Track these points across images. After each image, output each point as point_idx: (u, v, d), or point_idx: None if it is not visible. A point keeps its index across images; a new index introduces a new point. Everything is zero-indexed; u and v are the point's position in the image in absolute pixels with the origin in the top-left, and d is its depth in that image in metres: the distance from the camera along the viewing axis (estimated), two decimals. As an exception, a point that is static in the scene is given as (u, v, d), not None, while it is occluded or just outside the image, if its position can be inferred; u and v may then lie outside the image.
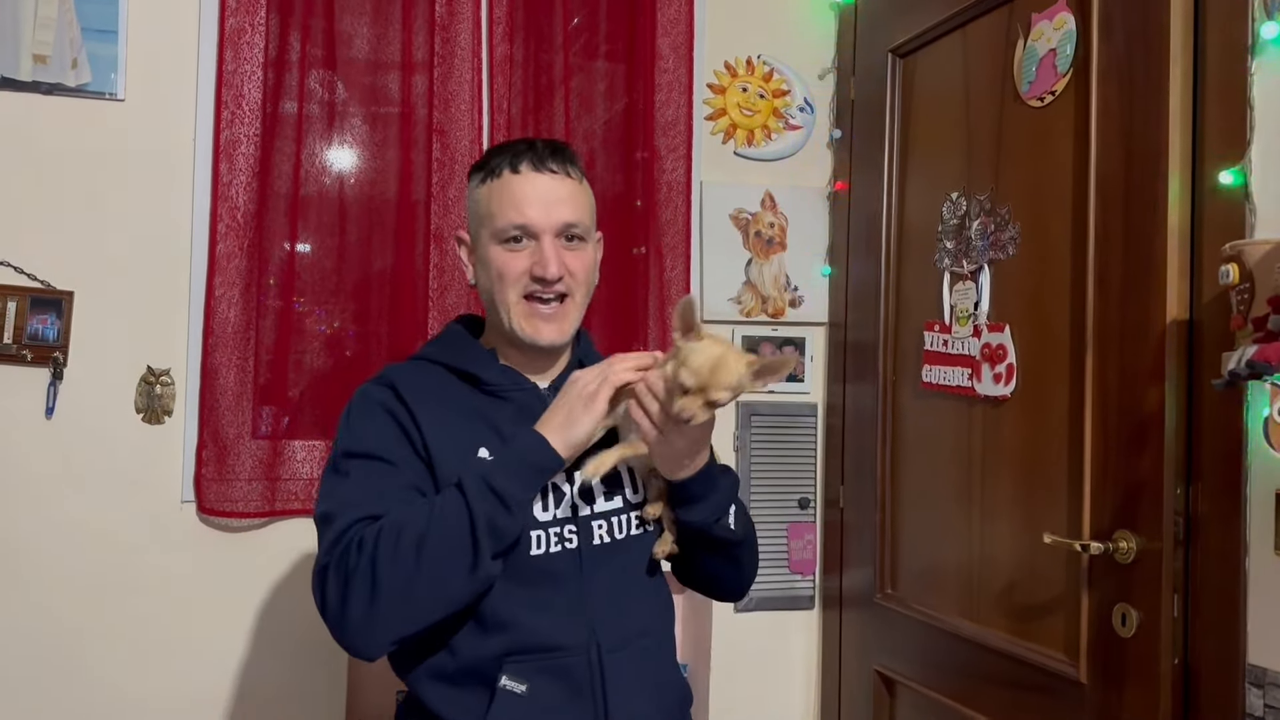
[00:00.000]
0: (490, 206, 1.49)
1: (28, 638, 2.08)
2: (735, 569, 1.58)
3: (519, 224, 1.47)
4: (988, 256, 1.99)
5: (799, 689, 2.55)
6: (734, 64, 2.53)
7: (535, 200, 1.47)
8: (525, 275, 1.47)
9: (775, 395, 2.53)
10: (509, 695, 1.38)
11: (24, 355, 2.06)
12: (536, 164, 1.49)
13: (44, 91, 2.09)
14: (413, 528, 1.32)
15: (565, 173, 1.50)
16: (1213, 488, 1.56)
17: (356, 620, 1.31)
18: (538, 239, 1.47)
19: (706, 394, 1.34)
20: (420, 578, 1.31)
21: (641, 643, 1.47)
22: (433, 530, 1.32)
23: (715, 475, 1.47)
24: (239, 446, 2.16)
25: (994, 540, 1.97)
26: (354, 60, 2.29)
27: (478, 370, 1.50)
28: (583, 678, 1.41)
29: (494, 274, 1.48)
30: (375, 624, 1.32)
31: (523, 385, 1.51)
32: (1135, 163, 1.67)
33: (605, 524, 1.48)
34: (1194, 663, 1.57)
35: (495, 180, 1.49)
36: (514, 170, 1.48)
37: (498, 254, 1.48)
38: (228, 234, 2.15)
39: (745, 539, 1.55)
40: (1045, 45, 1.87)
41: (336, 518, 1.38)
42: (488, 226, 1.49)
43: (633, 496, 1.52)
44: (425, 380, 1.50)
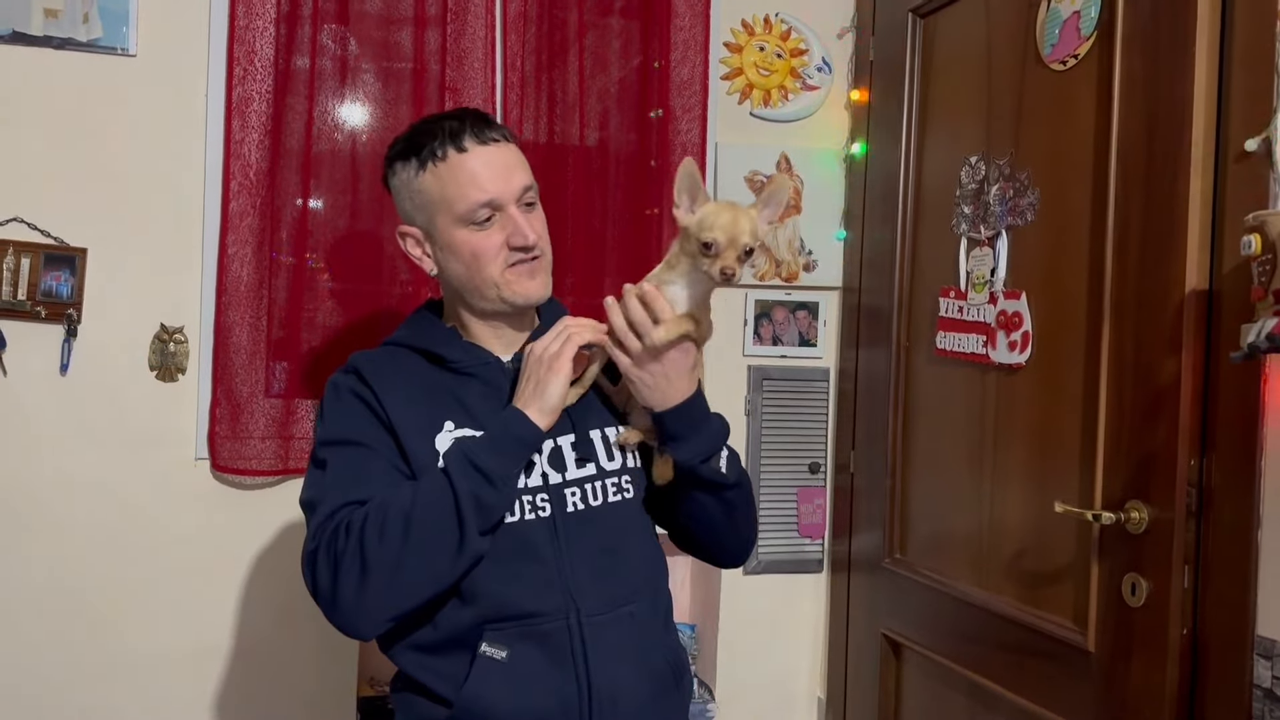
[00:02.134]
0: (444, 191, 1.46)
1: (42, 593, 2.10)
2: (728, 517, 1.55)
3: (484, 201, 1.45)
4: (1006, 222, 1.97)
5: (806, 652, 2.57)
6: (751, 22, 2.50)
7: (492, 174, 1.46)
8: (502, 249, 1.47)
9: (787, 360, 2.52)
10: (489, 661, 1.40)
11: (38, 312, 2.06)
12: (479, 137, 1.46)
13: (55, 46, 2.08)
14: (398, 508, 1.34)
15: (504, 137, 1.50)
16: (1227, 460, 1.55)
17: (348, 601, 1.34)
18: (503, 210, 1.47)
19: (736, 245, 1.39)
20: (408, 557, 1.33)
21: (626, 609, 1.47)
22: (418, 510, 1.34)
23: (701, 415, 1.48)
24: (252, 404, 2.17)
25: (1005, 507, 1.97)
26: (366, 15, 2.27)
27: (440, 349, 1.52)
28: (563, 644, 1.41)
29: (467, 257, 1.47)
30: (366, 604, 1.34)
31: (485, 359, 1.52)
32: (1158, 129, 1.64)
33: (579, 490, 1.48)
34: (1203, 634, 1.57)
35: (441, 163, 1.46)
36: (459, 148, 1.45)
37: (468, 237, 1.47)
38: (240, 192, 2.14)
39: (739, 484, 1.53)
40: (1069, 7, 1.83)
41: (320, 503, 1.40)
42: (447, 212, 1.47)
43: (608, 464, 1.52)
44: (391, 364, 1.52)
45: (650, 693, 1.47)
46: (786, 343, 2.52)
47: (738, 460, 1.56)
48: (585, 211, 2.38)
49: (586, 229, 2.38)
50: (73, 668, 2.12)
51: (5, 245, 2.04)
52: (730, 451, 1.53)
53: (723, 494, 1.51)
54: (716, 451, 1.49)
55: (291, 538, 2.22)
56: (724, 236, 1.39)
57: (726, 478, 1.50)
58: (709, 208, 1.43)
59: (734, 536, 1.60)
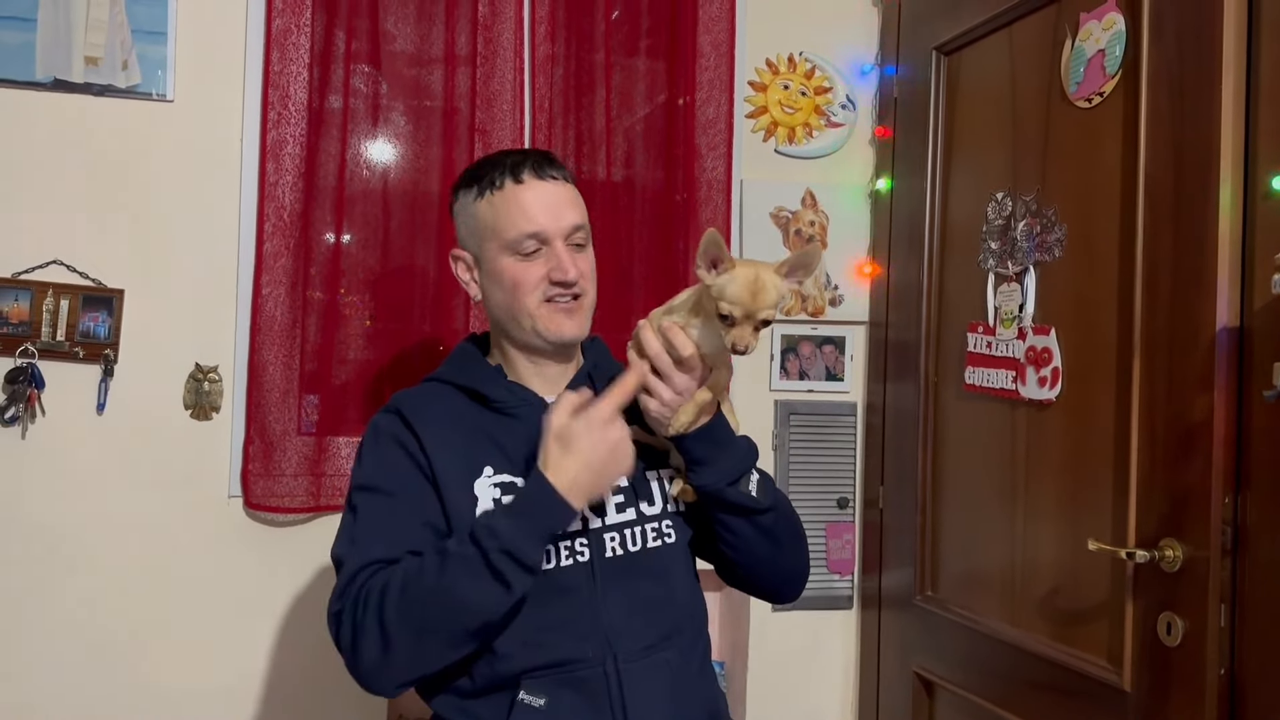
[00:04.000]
0: (497, 220, 1.49)
1: (78, 628, 2.12)
2: (769, 544, 1.52)
3: (531, 232, 1.48)
4: (1033, 258, 1.98)
5: (837, 689, 2.55)
6: (775, 61, 2.52)
7: (543, 207, 1.49)
8: (543, 281, 1.49)
9: (814, 395, 2.52)
10: (527, 709, 1.39)
11: (76, 352, 2.10)
12: (538, 172, 1.50)
13: (95, 93, 2.13)
14: (422, 587, 1.33)
15: (564, 178, 1.53)
16: (1262, 497, 1.54)
17: (369, 667, 1.36)
18: (549, 244, 1.49)
19: (754, 318, 1.37)
20: (430, 635, 1.34)
21: (663, 654, 1.46)
22: (444, 587, 1.32)
23: (725, 438, 1.46)
24: (285, 442, 2.19)
25: (1037, 545, 1.96)
26: (396, 56, 2.31)
27: (484, 389, 1.52)
28: (600, 690, 1.41)
29: (509, 285, 1.50)
30: (388, 671, 1.37)
31: (529, 400, 1.52)
32: (1185, 166, 1.65)
33: (618, 536, 1.48)
34: (1241, 673, 1.55)
35: (497, 192, 1.50)
36: (516, 180, 1.49)
37: (511, 265, 1.49)
38: (274, 233, 2.18)
39: (774, 508, 1.50)
40: (1094, 45, 1.85)
41: (346, 561, 1.41)
42: (496, 239, 1.50)
43: (648, 509, 1.51)
44: (433, 403, 1.52)
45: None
46: (813, 377, 2.53)
47: (771, 484, 1.54)
48: (612, 247, 2.40)
49: (614, 264, 2.40)
50: (106, 704, 2.14)
51: (45, 287, 2.08)
52: (763, 476, 1.51)
53: (756, 519, 1.49)
54: (744, 474, 1.47)
55: (324, 576, 2.24)
56: (740, 311, 1.36)
57: (758, 502, 1.48)
58: (731, 275, 1.38)
59: (778, 566, 1.57)
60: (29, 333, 2.07)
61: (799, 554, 1.60)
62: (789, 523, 1.56)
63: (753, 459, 1.50)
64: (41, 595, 2.11)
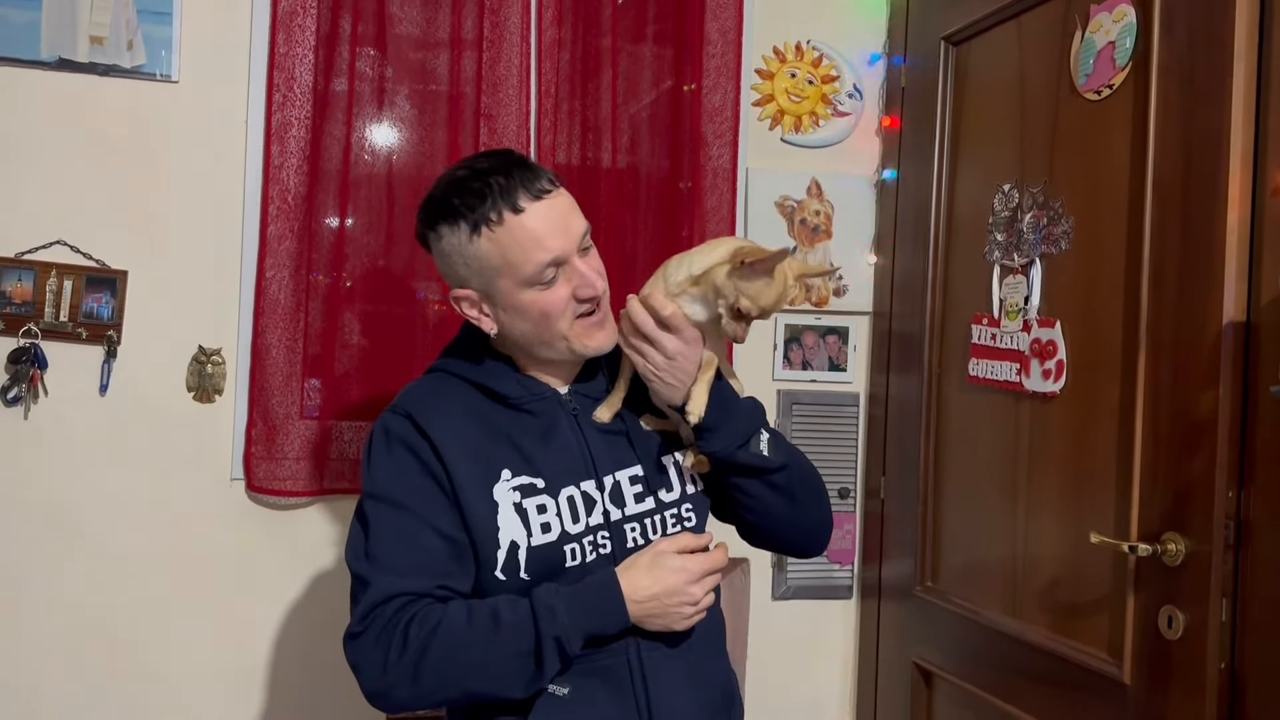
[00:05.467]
0: (506, 255, 1.38)
1: (79, 610, 2.13)
2: (786, 501, 1.51)
3: (550, 261, 1.39)
4: (1039, 250, 1.97)
5: (835, 678, 2.56)
6: (783, 49, 2.51)
7: (553, 230, 1.40)
8: (569, 302, 1.42)
9: (817, 385, 2.52)
10: (551, 698, 1.40)
11: (79, 333, 2.09)
12: (533, 192, 1.39)
13: (100, 73, 2.12)
14: (469, 650, 1.35)
15: (553, 184, 1.43)
16: (1266, 492, 1.54)
17: (389, 702, 1.40)
18: (566, 263, 1.42)
19: (764, 316, 1.41)
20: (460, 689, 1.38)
21: (686, 639, 1.47)
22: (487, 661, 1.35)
23: (728, 400, 1.46)
24: (288, 426, 2.19)
25: (1039, 537, 1.96)
26: (402, 39, 2.29)
27: (496, 385, 1.48)
28: (623, 677, 1.42)
29: (537, 316, 1.42)
30: (405, 708, 1.41)
31: (542, 394, 1.49)
32: (1194, 160, 1.64)
33: (639, 526, 1.48)
34: (1241, 668, 1.56)
35: (498, 227, 1.38)
36: (514, 210, 1.37)
37: (535, 297, 1.41)
38: (279, 216, 2.17)
39: (787, 465, 1.49)
40: (1104, 38, 1.84)
41: (369, 583, 1.39)
42: (509, 276, 1.40)
43: (666, 496, 1.51)
44: (444, 401, 1.48)
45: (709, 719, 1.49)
46: (816, 367, 2.52)
47: (783, 441, 1.52)
48: (617, 233, 2.39)
49: (619, 250, 2.39)
50: (107, 686, 2.14)
51: (48, 268, 2.08)
52: (774, 434, 1.50)
53: (770, 478, 1.48)
54: (752, 435, 1.46)
55: (326, 558, 2.24)
56: (757, 312, 1.39)
57: (770, 461, 1.46)
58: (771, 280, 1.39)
59: (799, 522, 1.56)
60: (32, 313, 2.07)
61: (819, 508, 1.58)
62: (805, 477, 1.54)
63: (760, 419, 1.49)
64: (42, 576, 2.11)
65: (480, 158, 1.48)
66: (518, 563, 1.42)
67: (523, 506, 1.42)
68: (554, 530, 1.43)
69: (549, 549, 1.42)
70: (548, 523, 1.43)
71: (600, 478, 1.47)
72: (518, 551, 1.42)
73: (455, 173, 1.45)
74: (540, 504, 1.43)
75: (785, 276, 1.41)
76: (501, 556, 1.41)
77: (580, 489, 1.45)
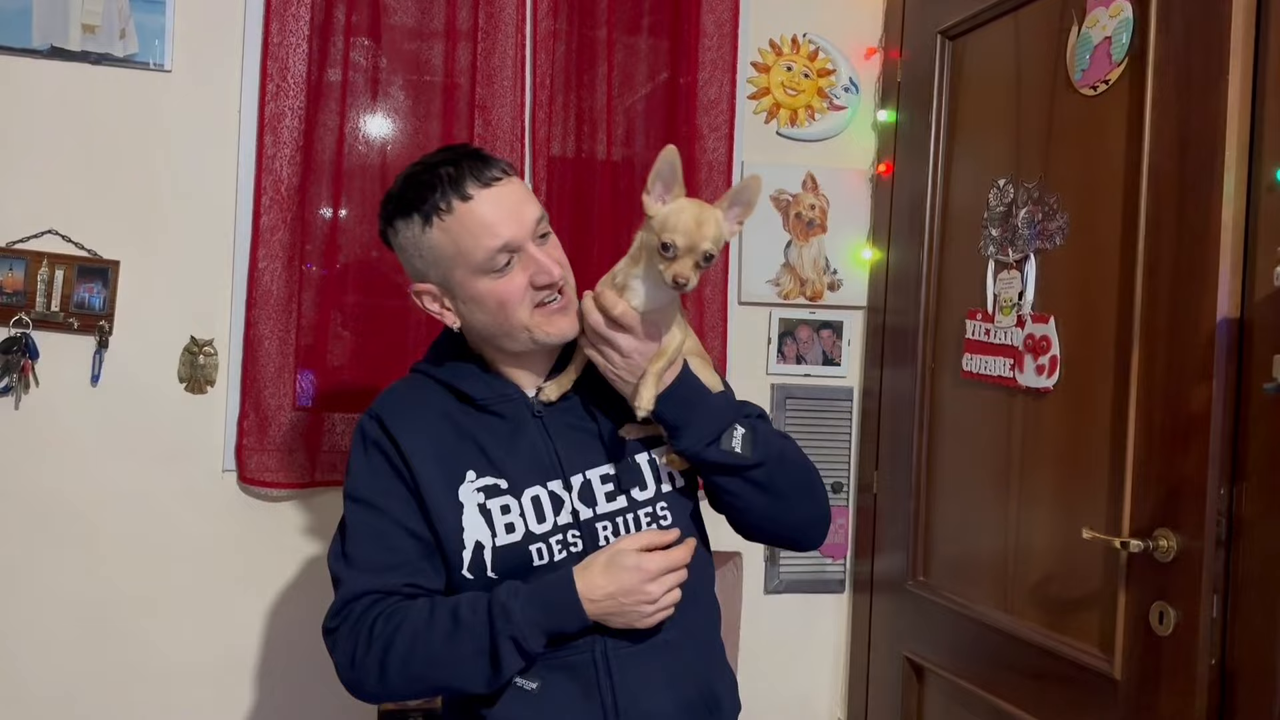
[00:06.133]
0: (459, 244, 1.39)
1: (69, 601, 2.12)
2: (772, 497, 1.48)
3: (500, 246, 1.39)
4: (1034, 246, 1.97)
5: (827, 672, 2.56)
6: (779, 42, 2.51)
7: (503, 216, 1.39)
8: (527, 289, 1.42)
9: (811, 379, 2.52)
10: (520, 691, 1.42)
11: (70, 323, 2.08)
12: (481, 180, 1.39)
13: (92, 61, 2.10)
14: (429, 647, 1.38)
15: (504, 173, 1.43)
16: (1258, 489, 1.54)
17: (362, 693, 1.46)
18: (521, 250, 1.41)
19: (695, 250, 1.35)
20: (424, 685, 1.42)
21: (662, 636, 1.45)
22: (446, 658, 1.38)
23: (694, 397, 1.43)
24: (280, 417, 2.19)
25: (1031, 533, 1.96)
26: (397, 29, 2.28)
27: (465, 386, 1.49)
28: (589, 675, 1.42)
29: (494, 306, 1.42)
30: (376, 699, 1.49)
31: (510, 396, 1.49)
32: (1189, 156, 1.64)
33: (610, 525, 1.47)
34: (1231, 664, 1.56)
35: (448, 216, 1.39)
36: (463, 197, 1.38)
37: (491, 286, 1.41)
38: (271, 207, 2.16)
39: (764, 462, 1.45)
40: (1100, 33, 1.83)
41: (342, 581, 1.45)
42: (463, 265, 1.40)
43: (639, 494, 1.49)
44: (415, 406, 1.49)
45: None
46: (810, 362, 2.52)
47: (768, 435, 1.49)
48: (611, 225, 2.39)
49: (613, 243, 2.38)
50: (99, 676, 2.14)
51: (40, 257, 2.07)
52: (755, 427, 1.47)
53: (747, 475, 1.45)
54: (723, 431, 1.43)
55: (317, 550, 2.23)
56: (684, 241, 1.34)
57: (743, 458, 1.43)
58: (676, 205, 1.37)
59: (784, 517, 1.52)
60: (23, 302, 2.06)
61: (807, 502, 1.54)
62: (789, 472, 1.50)
63: (730, 414, 1.46)
64: (33, 567, 2.11)
65: (436, 152, 1.48)
66: (484, 562, 1.43)
67: (487, 507, 1.43)
68: (518, 531, 1.44)
69: (514, 549, 1.43)
70: (511, 523, 1.44)
71: (568, 477, 1.46)
72: (483, 552, 1.43)
73: (410, 169, 1.46)
74: (504, 504, 1.44)
75: (697, 206, 1.38)
76: (467, 556, 1.43)
77: (547, 489, 1.45)
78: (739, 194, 1.42)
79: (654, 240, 1.36)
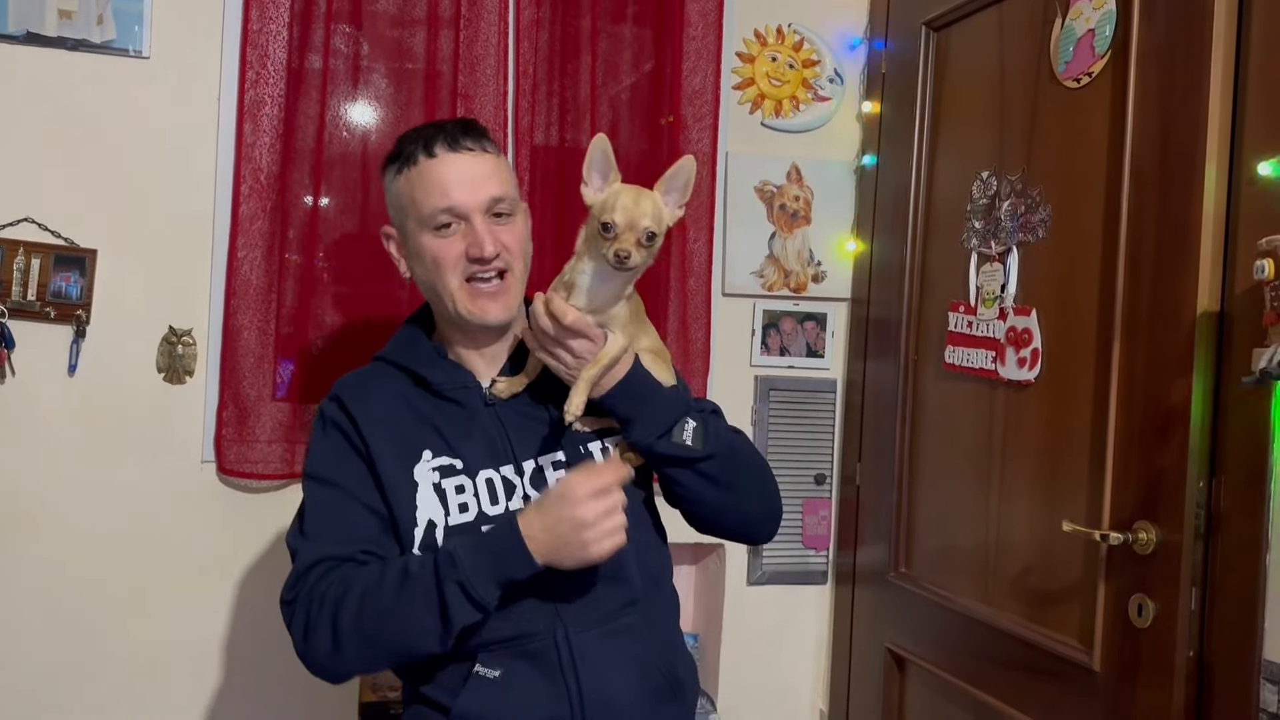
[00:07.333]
0: (413, 195, 1.47)
1: (47, 592, 2.10)
2: (722, 490, 1.49)
3: (446, 207, 1.45)
4: (1017, 238, 1.97)
5: (810, 663, 2.57)
6: (764, 32, 2.50)
7: (458, 181, 1.45)
8: (461, 258, 1.46)
9: (794, 371, 2.52)
10: (482, 680, 1.42)
11: (47, 312, 2.06)
12: (451, 144, 1.47)
13: (69, 47, 2.08)
14: (379, 602, 1.36)
15: (481, 148, 1.49)
16: (1236, 482, 1.54)
17: (316, 662, 1.42)
18: (468, 220, 1.46)
19: (635, 227, 1.38)
20: (378, 647, 1.39)
21: (622, 620, 1.46)
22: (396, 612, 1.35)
23: (645, 390, 1.44)
24: (259, 408, 2.17)
25: (1011, 525, 1.96)
26: (379, 16, 2.26)
27: (422, 370, 1.52)
28: (552, 661, 1.42)
29: (429, 263, 1.48)
30: (333, 668, 1.43)
31: (465, 383, 1.51)
32: (1171, 149, 1.64)
33: None
34: (1209, 656, 1.57)
35: (413, 168, 1.47)
36: (429, 154, 1.47)
37: (430, 242, 1.47)
38: (251, 195, 2.14)
39: (714, 455, 1.46)
40: (1084, 25, 1.83)
41: (298, 553, 1.45)
42: (413, 216, 1.48)
43: None
44: (374, 388, 1.52)
45: (647, 705, 1.47)
46: (794, 353, 2.52)
47: (719, 429, 1.50)
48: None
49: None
50: (76, 667, 2.12)
51: (15, 245, 2.04)
52: (707, 421, 1.48)
53: (696, 467, 1.46)
54: (673, 424, 1.44)
55: (296, 541, 2.22)
56: (623, 219, 1.38)
57: (693, 450, 1.44)
58: (613, 189, 1.42)
59: (735, 510, 1.54)
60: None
61: (757, 496, 1.56)
62: (740, 466, 1.52)
63: (680, 407, 1.46)
64: (8, 559, 2.08)
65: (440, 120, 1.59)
66: (435, 541, 1.44)
67: (441, 487, 1.45)
68: (471, 510, 1.45)
69: (466, 529, 1.44)
70: (465, 503, 1.45)
71: (520, 463, 1.48)
72: (435, 530, 1.44)
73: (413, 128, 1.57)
74: (459, 484, 1.46)
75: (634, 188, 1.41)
76: (419, 535, 1.44)
77: (500, 473, 1.47)
78: (673, 177, 1.44)
79: (595, 226, 1.40)
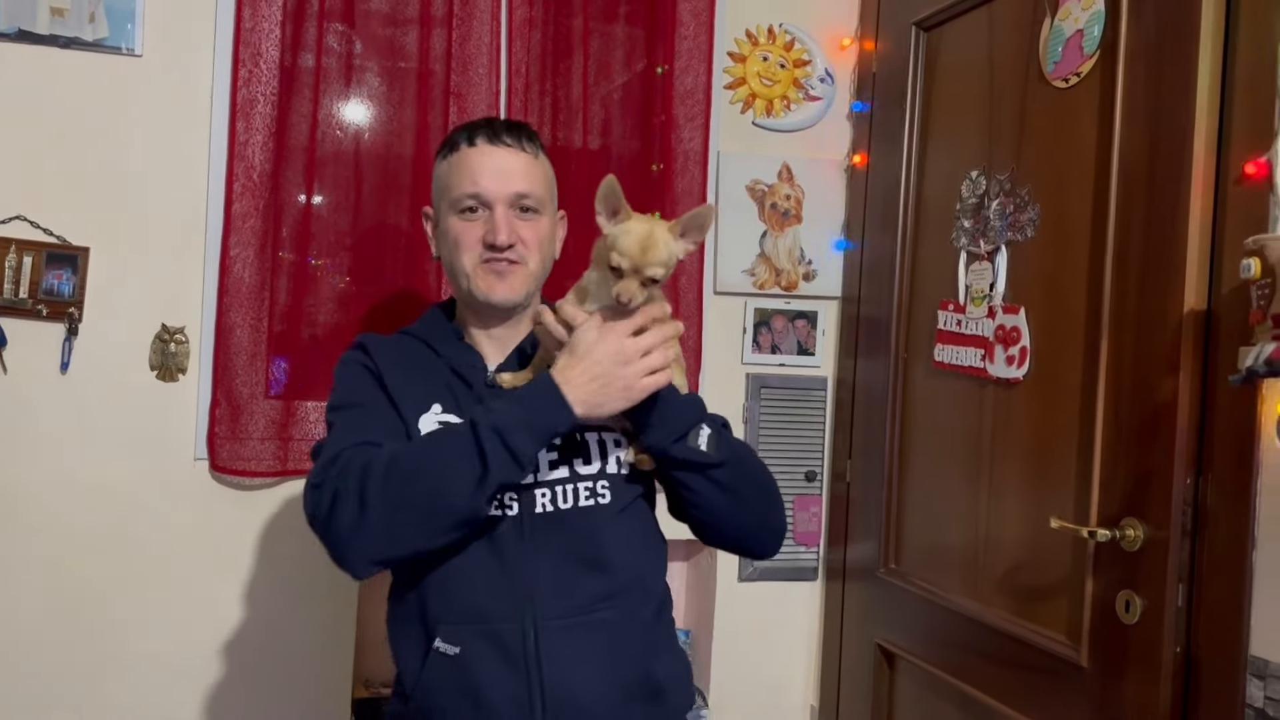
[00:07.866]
0: (449, 179, 1.57)
1: (39, 591, 2.11)
2: (732, 499, 1.49)
3: (472, 193, 1.54)
4: (1006, 237, 1.98)
5: (800, 660, 2.58)
6: (755, 32, 2.51)
7: (488, 171, 1.54)
8: (479, 243, 1.54)
9: (785, 369, 2.53)
10: (440, 656, 1.42)
11: (39, 310, 2.06)
12: (492, 137, 1.56)
13: (61, 45, 2.08)
14: (410, 455, 1.38)
15: (520, 146, 1.57)
16: (1223, 480, 1.56)
17: (341, 535, 1.36)
18: (491, 208, 1.54)
19: (641, 273, 1.38)
20: (405, 509, 1.35)
21: (598, 614, 1.45)
22: (428, 457, 1.38)
23: (663, 395, 1.44)
24: (252, 405, 2.17)
25: (1000, 521, 1.98)
26: (371, 14, 2.26)
27: (439, 345, 1.59)
28: (515, 647, 1.41)
29: (451, 242, 1.56)
30: (357, 542, 1.35)
31: (475, 365, 1.57)
32: (1159, 149, 1.65)
33: (549, 492, 1.47)
34: (1196, 652, 1.58)
35: (455, 154, 1.57)
36: (470, 144, 1.56)
37: (454, 224, 1.56)
38: (244, 194, 2.14)
39: (726, 462, 1.46)
40: (1072, 25, 1.84)
41: (329, 446, 1.44)
42: (446, 198, 1.57)
43: (583, 468, 1.49)
44: (396, 346, 1.60)
45: (614, 703, 1.44)
46: (785, 351, 2.53)
47: (731, 440, 1.52)
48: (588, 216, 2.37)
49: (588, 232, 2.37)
50: (69, 666, 2.12)
51: (8, 243, 2.04)
52: (719, 431, 1.49)
53: (710, 474, 1.46)
54: (689, 429, 1.45)
55: (290, 539, 2.22)
56: (628, 264, 1.38)
57: (708, 456, 1.44)
58: (625, 227, 1.40)
59: (743, 520, 1.53)
60: (-9, 289, 2.04)
61: (765, 508, 1.56)
62: (750, 476, 1.52)
63: (696, 413, 1.48)
64: (2, 557, 2.08)
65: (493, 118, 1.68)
66: None
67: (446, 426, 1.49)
68: None
69: None
70: None
71: None
72: None
73: None
74: None
75: (648, 227, 1.40)
76: None
77: None
78: (692, 220, 1.44)
79: (606, 255, 1.41)
